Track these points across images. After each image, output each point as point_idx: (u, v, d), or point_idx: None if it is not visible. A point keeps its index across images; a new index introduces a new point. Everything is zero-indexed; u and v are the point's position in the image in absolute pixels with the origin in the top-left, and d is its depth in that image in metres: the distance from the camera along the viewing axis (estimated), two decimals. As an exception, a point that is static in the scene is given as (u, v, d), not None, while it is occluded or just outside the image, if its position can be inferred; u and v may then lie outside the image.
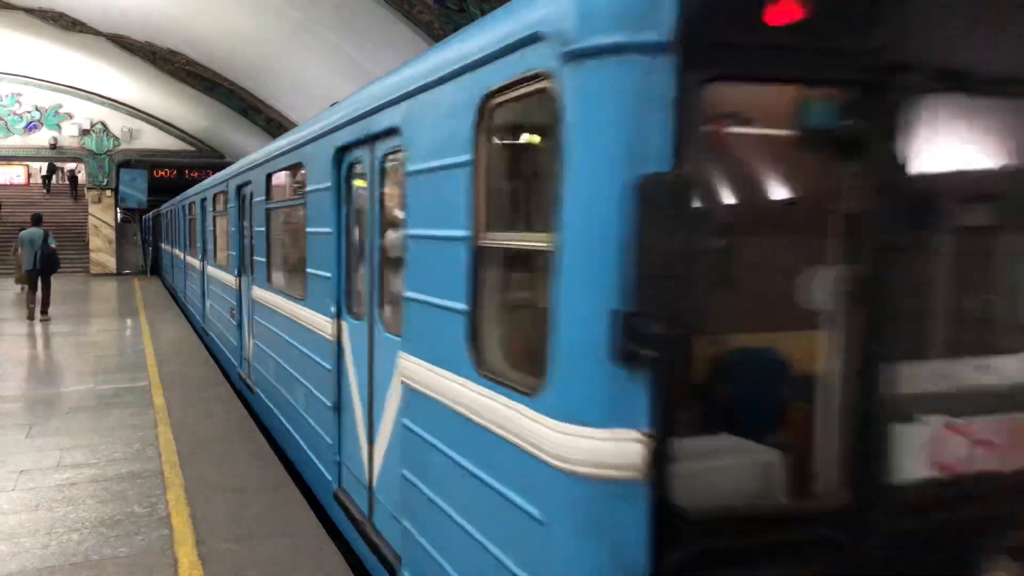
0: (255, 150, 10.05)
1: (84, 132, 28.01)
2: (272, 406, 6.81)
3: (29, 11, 19.54)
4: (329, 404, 4.66)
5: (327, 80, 15.32)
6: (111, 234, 28.70)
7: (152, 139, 28.66)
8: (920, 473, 2.02)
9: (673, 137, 1.78)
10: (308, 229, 5.09)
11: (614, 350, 1.87)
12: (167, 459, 6.30)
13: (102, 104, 27.97)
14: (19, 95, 27.68)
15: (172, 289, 21.00)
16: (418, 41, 11.34)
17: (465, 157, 2.59)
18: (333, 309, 4.50)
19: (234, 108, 21.21)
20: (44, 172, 36.61)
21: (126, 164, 28.44)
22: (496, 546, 2.37)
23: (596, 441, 1.89)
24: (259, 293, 7.22)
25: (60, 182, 38.88)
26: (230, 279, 9.17)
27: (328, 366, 4.64)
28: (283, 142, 6.13)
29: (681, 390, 1.88)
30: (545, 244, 2.09)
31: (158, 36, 18.85)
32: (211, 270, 11.33)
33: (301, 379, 5.45)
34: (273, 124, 20.78)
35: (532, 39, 2.12)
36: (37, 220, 17.08)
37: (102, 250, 28.51)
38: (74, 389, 9.26)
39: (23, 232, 16.77)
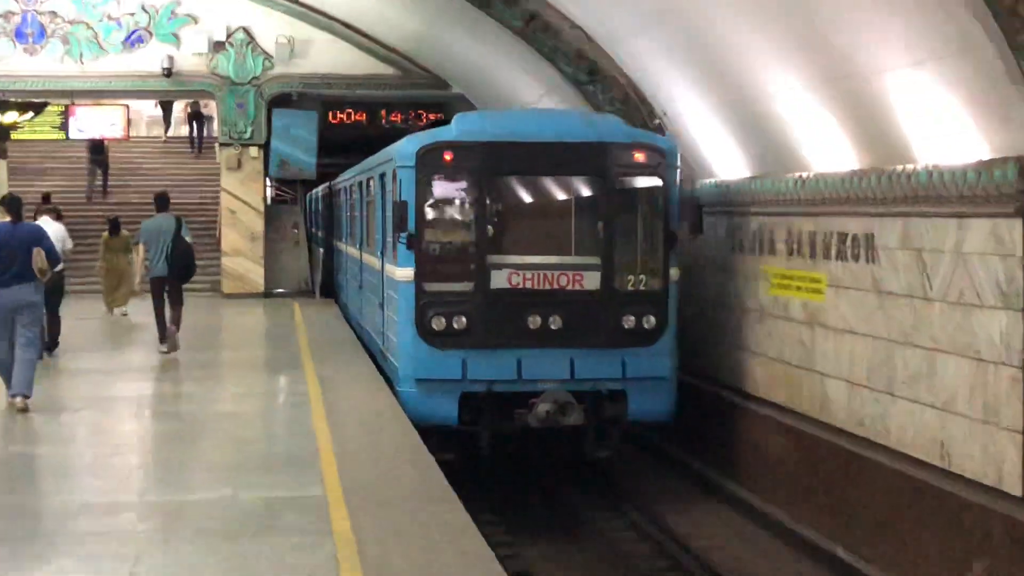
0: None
1: (217, 46, 27.85)
2: None
3: None
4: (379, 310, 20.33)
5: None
6: (257, 224, 29.09)
7: (326, 56, 28.37)
8: (503, 285, 16.42)
9: (415, 189, 16.62)
10: None
11: (406, 244, 16.72)
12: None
13: (244, -1, 29.12)
14: (117, -11, 28.99)
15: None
16: None
17: (391, 185, 19.10)
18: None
19: (466, -3, 22.44)
20: (157, 105, 38.50)
21: (283, 100, 28.85)
22: (393, 313, 17.93)
23: (404, 270, 16.77)
24: None
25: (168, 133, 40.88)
26: None
27: None
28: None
29: (422, 258, 17.02)
30: (391, 214, 17.99)
31: None
32: None
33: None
34: (536, 23, 20.85)
35: (391, 159, 18.41)
36: (163, 203, 18.95)
37: (241, 252, 28.83)
38: (203, 496, 10.00)
39: (146, 223, 18.89)
